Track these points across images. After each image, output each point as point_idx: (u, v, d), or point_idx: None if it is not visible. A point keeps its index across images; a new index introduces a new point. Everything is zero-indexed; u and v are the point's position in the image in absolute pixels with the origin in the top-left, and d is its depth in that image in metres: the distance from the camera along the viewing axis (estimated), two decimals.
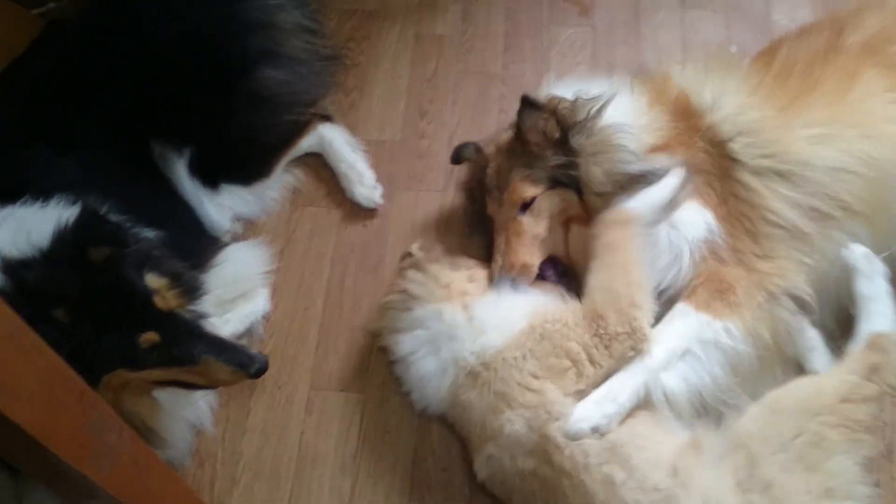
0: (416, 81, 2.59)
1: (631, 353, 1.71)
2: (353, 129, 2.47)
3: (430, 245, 2.15)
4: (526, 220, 1.97)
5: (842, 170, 1.86)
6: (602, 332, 1.74)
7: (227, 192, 2.25)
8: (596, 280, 1.82)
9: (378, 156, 2.44)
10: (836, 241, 1.86)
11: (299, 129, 2.34)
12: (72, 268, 1.51)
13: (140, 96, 2.10)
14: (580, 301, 1.81)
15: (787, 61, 2.05)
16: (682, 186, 1.88)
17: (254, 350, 1.74)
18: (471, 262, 2.04)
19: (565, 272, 2.02)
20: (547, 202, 1.97)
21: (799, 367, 1.85)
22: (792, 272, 1.82)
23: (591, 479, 1.59)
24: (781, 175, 1.86)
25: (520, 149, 1.98)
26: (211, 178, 2.21)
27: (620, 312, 1.74)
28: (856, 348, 1.72)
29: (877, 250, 1.91)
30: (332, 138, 2.37)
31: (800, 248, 1.83)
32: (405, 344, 1.91)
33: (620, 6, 2.73)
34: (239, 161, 2.26)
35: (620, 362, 1.71)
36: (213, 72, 2.20)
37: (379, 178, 2.37)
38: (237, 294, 2.13)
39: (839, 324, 1.97)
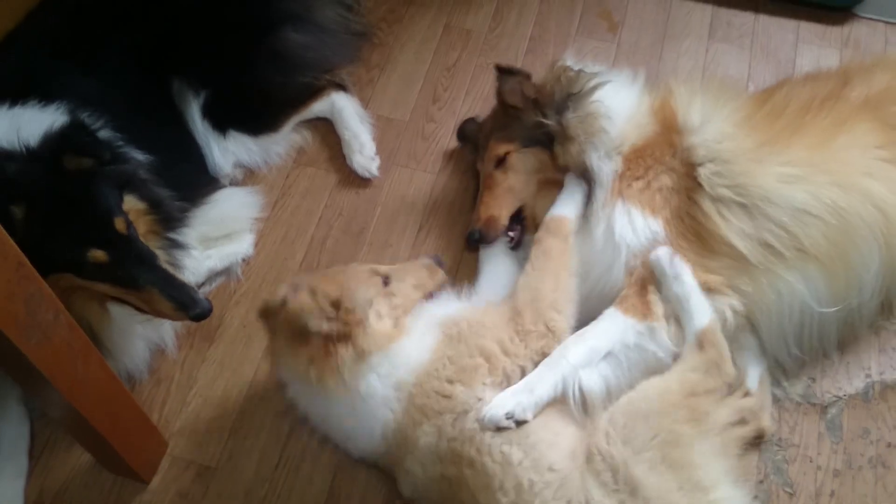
0: (436, 68, 2.69)
1: (546, 351, 1.78)
2: (366, 102, 2.59)
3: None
4: (498, 174, 2.11)
5: (803, 212, 1.89)
6: (519, 327, 1.81)
7: (234, 139, 2.37)
8: (524, 280, 1.90)
9: (384, 131, 2.55)
10: (786, 279, 1.89)
11: (312, 93, 2.47)
12: (46, 170, 1.63)
13: (170, 34, 2.26)
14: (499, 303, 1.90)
15: (782, 101, 2.09)
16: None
17: (209, 289, 1.83)
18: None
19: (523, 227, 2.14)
20: (520, 158, 2.10)
21: None
22: (729, 289, 1.86)
23: (491, 462, 1.64)
24: (741, 206, 1.89)
25: (501, 112, 2.17)
26: (221, 122, 2.34)
27: (538, 312, 1.82)
28: (687, 348, 1.78)
29: (833, 300, 1.93)
30: (343, 106, 2.48)
31: (741, 274, 1.87)
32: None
33: (649, 28, 2.79)
34: (250, 112, 2.39)
35: (537, 357, 1.78)
36: (241, 24, 2.35)
37: (379, 152, 2.47)
38: (223, 233, 2.25)
39: (793, 358, 2.02)
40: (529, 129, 2.07)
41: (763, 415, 1.94)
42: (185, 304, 1.76)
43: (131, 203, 1.80)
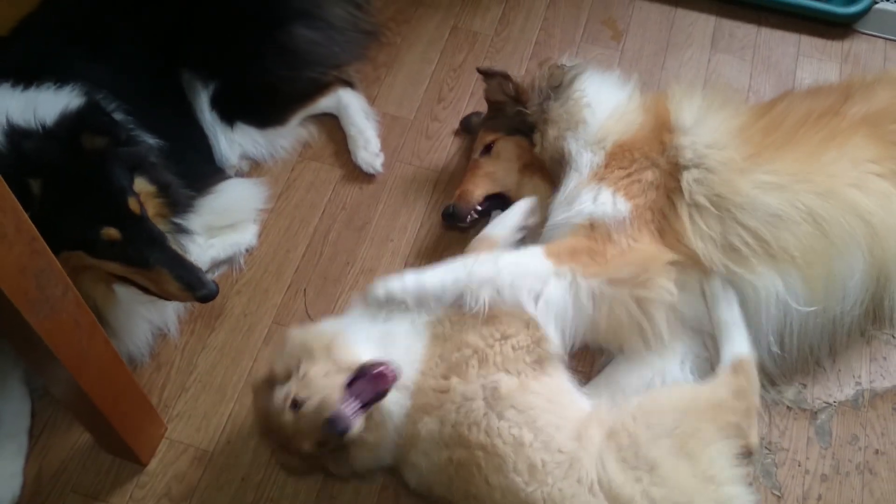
0: (442, 69, 2.74)
1: (534, 349, 1.82)
2: (372, 99, 2.64)
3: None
4: (483, 160, 2.30)
5: (775, 216, 1.92)
6: (498, 332, 1.83)
7: (241, 131, 2.42)
8: None
9: (389, 129, 2.59)
10: (753, 279, 1.93)
11: (320, 88, 2.51)
12: (63, 148, 1.67)
13: (182, 25, 2.30)
14: None
15: (781, 114, 2.12)
16: (530, 215, 2.13)
17: (211, 277, 1.87)
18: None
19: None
20: (503, 146, 2.27)
21: None
22: (667, 273, 1.90)
23: (502, 444, 1.68)
24: (714, 215, 1.94)
25: (490, 108, 2.39)
26: (229, 114, 2.39)
27: (514, 318, 1.85)
28: (721, 371, 1.85)
29: (811, 300, 1.96)
30: (349, 103, 2.52)
31: (689, 269, 1.93)
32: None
33: (653, 37, 2.83)
34: (258, 105, 2.43)
35: (527, 354, 1.81)
36: (251, 19, 2.39)
37: (384, 149, 2.52)
38: (227, 223, 2.29)
39: (774, 357, 2.03)
40: (511, 118, 2.23)
41: (751, 432, 1.91)
42: (193, 284, 1.80)
43: (141, 185, 1.83)
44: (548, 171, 2.17)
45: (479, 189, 2.25)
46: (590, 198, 1.98)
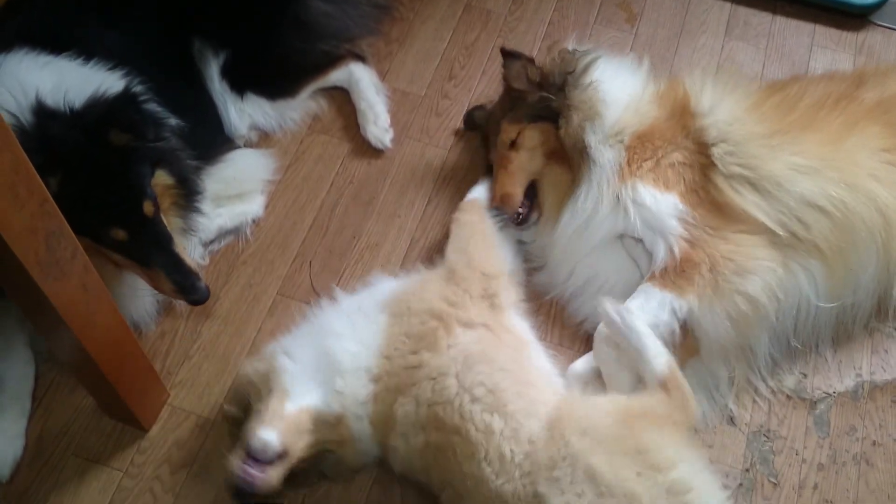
0: (455, 47, 2.72)
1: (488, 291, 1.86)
2: (383, 74, 2.63)
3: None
4: (512, 154, 2.18)
5: (813, 204, 1.92)
6: (458, 279, 1.88)
7: (251, 102, 2.41)
8: (452, 247, 2.02)
9: (399, 104, 2.58)
10: (791, 266, 1.93)
11: (331, 61, 2.49)
12: (87, 139, 1.65)
13: None
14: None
15: (795, 95, 2.12)
16: None
17: (201, 281, 1.87)
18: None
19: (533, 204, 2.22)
20: (528, 135, 2.17)
21: None
22: (753, 262, 1.90)
23: (474, 430, 1.63)
24: (753, 185, 1.94)
25: (508, 97, 2.24)
26: (240, 84, 2.37)
27: (470, 266, 1.91)
28: (652, 390, 1.76)
29: (830, 296, 1.98)
30: (360, 77, 2.51)
31: (764, 247, 1.92)
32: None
33: (667, 22, 2.81)
34: (269, 76, 2.42)
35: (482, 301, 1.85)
36: None
37: (393, 125, 2.50)
38: (235, 193, 2.28)
39: (789, 349, 2.07)
40: (534, 106, 2.15)
41: None
42: (186, 289, 1.83)
43: (161, 178, 1.83)
44: (569, 159, 2.11)
45: (518, 187, 2.17)
46: (654, 202, 1.97)
